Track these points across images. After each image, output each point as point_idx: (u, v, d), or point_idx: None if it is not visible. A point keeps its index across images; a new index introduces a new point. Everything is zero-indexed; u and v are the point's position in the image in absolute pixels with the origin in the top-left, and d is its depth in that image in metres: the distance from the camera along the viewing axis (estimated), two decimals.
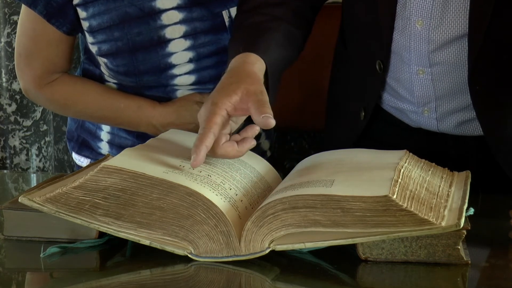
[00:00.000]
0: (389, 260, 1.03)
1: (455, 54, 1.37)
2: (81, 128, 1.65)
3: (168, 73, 1.51)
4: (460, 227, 0.98)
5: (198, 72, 1.52)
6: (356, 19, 1.49)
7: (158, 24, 1.48)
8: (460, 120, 1.44)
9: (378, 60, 1.43)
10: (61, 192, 1.07)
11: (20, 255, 1.10)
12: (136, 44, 1.48)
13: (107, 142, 1.62)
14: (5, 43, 2.32)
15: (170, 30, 1.48)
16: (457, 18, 1.33)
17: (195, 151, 1.09)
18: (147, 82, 1.52)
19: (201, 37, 1.50)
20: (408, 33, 1.38)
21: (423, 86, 1.42)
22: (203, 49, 1.51)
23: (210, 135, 1.11)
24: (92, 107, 1.55)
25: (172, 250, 1.05)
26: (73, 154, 1.70)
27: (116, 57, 1.49)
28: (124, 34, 1.47)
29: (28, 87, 1.57)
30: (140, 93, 1.54)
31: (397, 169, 1.09)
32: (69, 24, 1.50)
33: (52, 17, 1.49)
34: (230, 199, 1.08)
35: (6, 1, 2.29)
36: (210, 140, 1.11)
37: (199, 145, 1.09)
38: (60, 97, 1.56)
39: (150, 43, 1.48)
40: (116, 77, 1.53)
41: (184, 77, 1.52)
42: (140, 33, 1.47)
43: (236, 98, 1.15)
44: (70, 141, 1.69)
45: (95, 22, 1.48)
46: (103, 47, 1.49)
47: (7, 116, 2.36)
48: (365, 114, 1.49)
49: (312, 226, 1.01)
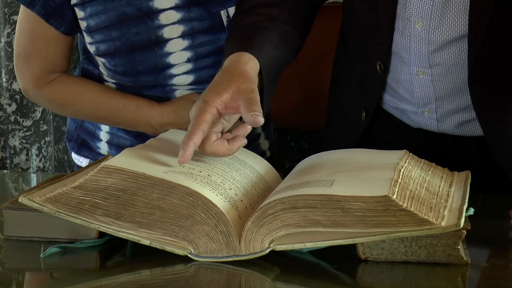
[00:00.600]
0: (389, 260, 1.03)
1: (455, 54, 1.37)
2: (80, 128, 1.65)
3: (166, 73, 1.51)
4: (460, 227, 0.98)
5: (196, 71, 1.52)
6: (357, 20, 1.49)
7: (156, 24, 1.47)
8: (460, 121, 1.44)
9: (379, 61, 1.43)
10: (61, 192, 1.07)
11: (20, 255, 1.10)
12: (134, 44, 1.48)
13: (106, 142, 1.62)
14: (5, 43, 2.32)
15: (168, 30, 1.48)
16: (457, 18, 1.33)
17: (183, 148, 1.09)
18: (146, 82, 1.52)
19: (199, 37, 1.50)
20: (408, 34, 1.38)
21: (423, 87, 1.42)
22: (201, 49, 1.51)
23: (199, 132, 1.11)
24: (90, 107, 1.55)
25: (172, 250, 1.05)
26: (72, 154, 1.70)
27: (114, 57, 1.49)
28: (122, 34, 1.47)
29: (27, 87, 1.57)
30: (139, 93, 1.54)
31: (397, 169, 1.09)
32: (67, 24, 1.50)
33: (51, 17, 1.49)
34: (230, 199, 1.08)
35: (6, 1, 2.29)
36: (199, 137, 1.11)
37: (187, 141, 1.10)
38: (58, 97, 1.57)
39: (148, 43, 1.48)
40: (115, 77, 1.53)
41: (182, 76, 1.52)
42: (138, 33, 1.47)
43: (227, 96, 1.15)
44: (69, 141, 1.69)
45: (93, 22, 1.48)
46: (101, 47, 1.49)
47: (7, 116, 2.37)
48: (366, 114, 1.49)
49: (312, 226, 1.01)
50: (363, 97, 1.51)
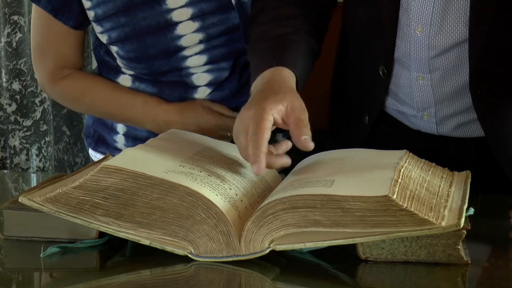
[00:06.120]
0: (389, 260, 1.03)
1: (455, 59, 1.36)
2: (98, 122, 1.67)
3: (178, 56, 1.51)
4: (460, 227, 0.98)
5: (208, 51, 1.53)
6: (359, 25, 1.48)
7: (163, 8, 1.48)
8: (460, 123, 1.44)
9: (382, 66, 1.43)
10: (61, 192, 1.07)
11: (20, 255, 1.10)
12: (143, 29, 1.49)
13: (123, 134, 1.62)
14: (5, 43, 2.32)
15: (177, 13, 1.49)
16: (457, 24, 1.33)
17: (256, 160, 1.08)
18: (159, 67, 1.52)
19: (209, 17, 1.51)
20: (408, 40, 1.38)
21: (422, 92, 1.41)
22: (212, 30, 1.51)
23: (265, 141, 1.10)
24: (100, 103, 1.58)
25: (172, 250, 1.05)
26: (89, 151, 1.71)
27: (125, 42, 1.50)
28: (130, 19, 1.48)
29: (43, 82, 1.60)
30: (156, 79, 1.55)
31: (397, 169, 1.09)
32: (75, 18, 1.52)
33: (58, 12, 1.51)
34: (230, 199, 1.07)
35: (6, 1, 2.29)
36: (265, 146, 1.10)
37: (258, 153, 1.08)
38: (70, 92, 1.60)
39: (157, 27, 1.49)
40: (129, 65, 1.54)
41: (195, 57, 1.52)
42: (146, 17, 1.48)
43: (282, 108, 1.14)
44: (87, 137, 1.71)
45: (100, 11, 1.49)
46: (112, 34, 1.51)
47: (7, 116, 2.37)
48: (369, 118, 1.49)
49: (312, 226, 1.01)
50: (366, 101, 1.51)
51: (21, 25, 2.32)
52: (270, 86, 1.20)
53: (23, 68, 2.33)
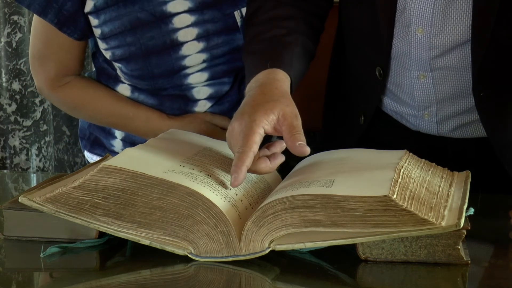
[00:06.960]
0: (389, 260, 1.03)
1: (457, 59, 1.35)
2: (94, 126, 1.66)
3: (181, 74, 1.51)
4: (460, 227, 0.98)
5: (210, 68, 1.53)
6: (355, 26, 1.48)
7: (170, 28, 1.48)
8: (460, 123, 1.43)
9: (378, 67, 1.43)
10: (61, 192, 1.07)
11: (20, 255, 1.10)
12: (149, 49, 1.48)
13: (121, 139, 1.62)
14: (5, 43, 2.31)
15: (183, 33, 1.49)
16: (459, 24, 1.32)
17: (236, 171, 1.08)
18: (162, 85, 1.52)
19: (214, 38, 1.50)
20: (408, 40, 1.37)
21: (424, 90, 1.41)
22: (216, 50, 1.51)
23: (250, 155, 1.10)
24: (102, 113, 1.57)
25: (172, 250, 1.05)
26: (85, 152, 1.70)
27: (130, 61, 1.50)
28: (136, 39, 1.48)
29: (41, 87, 1.59)
30: (156, 93, 1.54)
31: (397, 169, 1.09)
32: (80, 31, 1.51)
33: (63, 25, 1.50)
34: (230, 199, 1.07)
35: (6, 1, 2.29)
36: (250, 159, 1.10)
37: (240, 165, 1.08)
38: (71, 100, 1.59)
39: (163, 47, 1.48)
40: (131, 80, 1.54)
41: (197, 74, 1.52)
42: (153, 37, 1.48)
43: (273, 118, 1.14)
44: (82, 139, 1.70)
45: (107, 29, 1.48)
46: (116, 52, 1.50)
47: (7, 116, 2.36)
48: (365, 118, 1.49)
49: (312, 226, 1.01)
50: (361, 101, 1.50)
51: (21, 25, 2.31)
52: (262, 93, 1.19)
53: (23, 68, 2.33)
